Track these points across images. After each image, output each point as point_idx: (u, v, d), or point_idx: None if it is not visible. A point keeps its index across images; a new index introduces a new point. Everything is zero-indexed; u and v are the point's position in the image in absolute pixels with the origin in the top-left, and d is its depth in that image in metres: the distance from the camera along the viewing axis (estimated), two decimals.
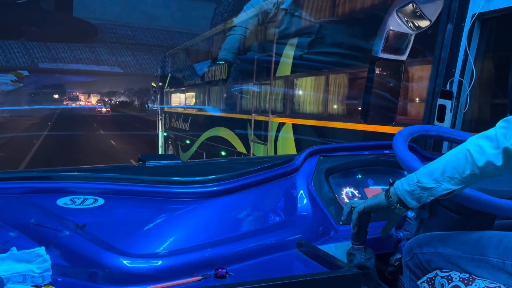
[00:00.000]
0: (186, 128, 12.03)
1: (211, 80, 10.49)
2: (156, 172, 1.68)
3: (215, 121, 9.74)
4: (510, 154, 0.98)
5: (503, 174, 1.04)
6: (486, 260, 1.17)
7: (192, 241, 1.30)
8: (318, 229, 1.51)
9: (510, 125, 0.98)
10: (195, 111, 11.70)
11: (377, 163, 1.87)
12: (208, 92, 10.80)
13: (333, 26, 6.26)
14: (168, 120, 13.98)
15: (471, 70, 2.25)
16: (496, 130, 1.01)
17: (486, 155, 1.00)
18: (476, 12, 2.16)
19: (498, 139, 0.99)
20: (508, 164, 0.99)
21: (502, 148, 0.98)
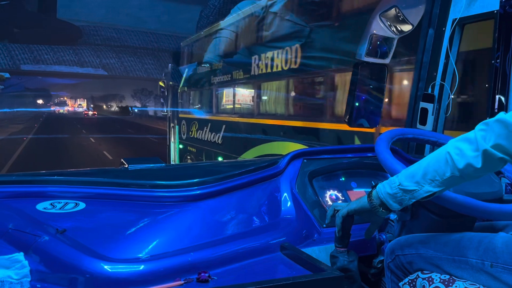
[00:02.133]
0: (216, 140, 9.23)
1: (269, 72, 7.54)
2: (139, 175, 1.67)
3: (276, 131, 7.05)
4: (489, 156, 0.99)
5: (482, 176, 1.06)
6: (466, 261, 1.18)
7: (175, 245, 1.29)
8: (302, 232, 1.51)
9: (489, 128, 1.00)
10: (235, 118, 8.70)
11: (360, 166, 1.88)
12: (261, 89, 7.97)
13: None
14: (186, 128, 11.28)
15: (452, 73, 2.28)
16: (475, 132, 1.02)
17: (466, 157, 1.01)
18: (457, 17, 2.20)
19: (477, 142, 1.00)
20: (487, 166, 1.01)
21: (481, 150, 0.99)
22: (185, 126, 11.29)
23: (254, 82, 8.14)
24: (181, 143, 11.56)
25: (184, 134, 11.32)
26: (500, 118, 0.99)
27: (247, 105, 8.78)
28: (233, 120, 8.78)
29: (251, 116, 8.21)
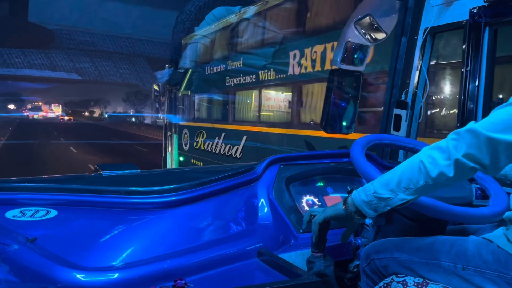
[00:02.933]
0: (233, 153, 7.86)
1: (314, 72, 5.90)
2: (113, 182, 1.64)
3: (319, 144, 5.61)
4: (460, 165, 1.02)
5: (454, 184, 1.08)
6: (439, 265, 1.21)
7: (150, 253, 1.27)
8: (279, 238, 1.52)
9: (460, 137, 1.02)
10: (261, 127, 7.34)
11: (336, 171, 1.90)
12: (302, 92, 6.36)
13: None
14: (188, 138, 9.94)
15: (424, 81, 2.34)
16: (447, 142, 1.05)
17: (439, 166, 1.04)
18: (428, 26, 2.26)
19: (449, 151, 1.03)
20: (459, 175, 1.03)
21: (453, 159, 1.02)
22: (188, 135, 9.92)
23: (293, 84, 6.53)
24: (182, 155, 10.07)
25: (187, 144, 9.98)
26: (471, 128, 1.02)
27: (279, 112, 7.36)
28: (258, 130, 7.41)
29: (285, 126, 6.78)
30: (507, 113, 0.99)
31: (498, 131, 0.98)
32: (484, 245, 1.17)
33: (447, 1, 2.16)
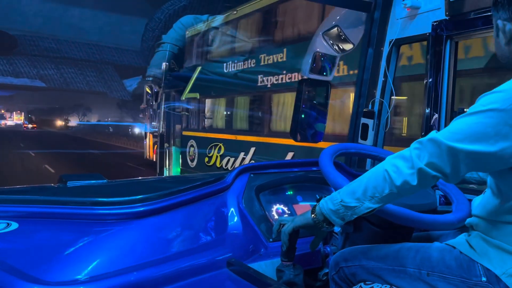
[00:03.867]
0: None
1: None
2: (78, 192, 1.59)
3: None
4: (423, 174, 1.04)
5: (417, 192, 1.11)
6: (405, 271, 1.23)
7: (117, 265, 1.24)
8: (249, 247, 1.51)
9: (423, 147, 1.05)
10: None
11: (305, 180, 1.92)
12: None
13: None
14: (196, 151, 8.27)
15: (390, 91, 2.41)
16: (410, 151, 1.07)
17: (403, 175, 1.06)
18: (393, 38, 2.33)
19: (412, 160, 1.05)
20: (422, 183, 1.06)
21: (416, 168, 1.04)
22: (195, 148, 8.24)
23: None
24: (187, 172, 8.23)
25: (194, 160, 8.27)
26: (432, 138, 1.04)
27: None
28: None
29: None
30: (465, 123, 1.03)
31: (458, 140, 1.01)
32: (447, 251, 1.20)
33: (410, 14, 2.24)
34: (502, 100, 0.98)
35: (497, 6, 1.13)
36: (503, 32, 1.12)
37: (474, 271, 1.13)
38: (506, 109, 0.97)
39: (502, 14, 1.12)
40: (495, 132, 0.98)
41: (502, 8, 1.11)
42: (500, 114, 0.98)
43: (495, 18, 1.15)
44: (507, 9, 1.10)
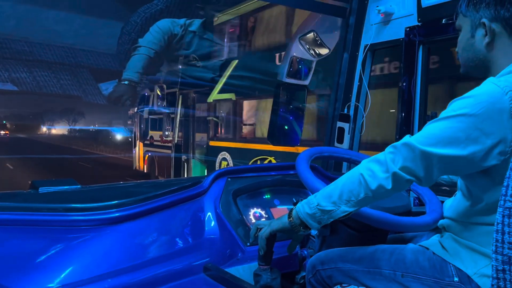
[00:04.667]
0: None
1: None
2: (51, 199, 1.55)
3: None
4: (398, 178, 1.06)
5: (391, 195, 1.13)
6: (380, 273, 1.25)
7: (91, 272, 1.21)
8: (226, 252, 1.50)
9: (397, 151, 1.07)
10: None
11: (282, 183, 1.92)
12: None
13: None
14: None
15: (365, 95, 2.45)
16: (385, 155, 1.09)
17: (378, 179, 1.08)
18: (368, 43, 2.37)
19: (387, 164, 1.07)
20: (396, 187, 1.08)
21: (391, 172, 1.06)
22: (230, 162, 7.01)
23: None
24: None
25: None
26: (406, 142, 1.06)
27: None
28: None
29: None
30: (437, 128, 1.05)
31: (430, 144, 1.03)
32: (421, 253, 1.23)
33: (384, 20, 2.28)
34: (472, 105, 1.01)
35: (477, 5, 1.13)
36: (489, 31, 1.11)
37: (447, 271, 1.15)
38: (476, 114, 1.00)
39: (485, 13, 1.12)
40: (466, 136, 1.00)
41: (487, 7, 1.11)
42: (470, 119, 1.00)
43: (471, 18, 1.15)
44: (493, 8, 1.10)
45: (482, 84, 1.05)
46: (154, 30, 10.25)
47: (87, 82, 19.71)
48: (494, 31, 1.11)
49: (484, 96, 1.01)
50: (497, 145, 0.99)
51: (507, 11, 1.09)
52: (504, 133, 0.98)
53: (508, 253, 0.85)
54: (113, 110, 44.22)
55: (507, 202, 0.85)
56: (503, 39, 1.11)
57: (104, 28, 16.99)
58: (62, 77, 20.39)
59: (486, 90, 1.02)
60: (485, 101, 1.00)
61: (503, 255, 0.86)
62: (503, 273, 0.88)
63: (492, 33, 1.11)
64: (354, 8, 2.43)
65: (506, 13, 1.09)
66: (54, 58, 22.11)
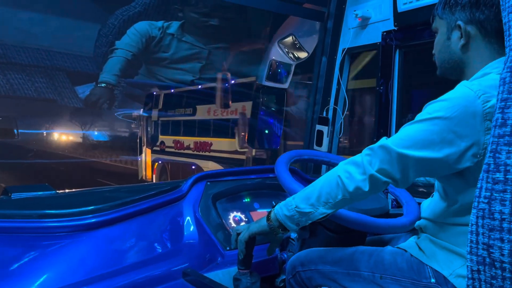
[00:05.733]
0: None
1: None
2: (24, 205, 1.51)
3: None
4: (375, 180, 1.07)
5: (369, 196, 1.14)
6: (359, 274, 1.26)
7: (66, 280, 1.18)
8: (205, 256, 1.49)
9: (374, 153, 1.08)
10: None
11: (262, 187, 1.92)
12: None
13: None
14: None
15: (343, 98, 2.47)
16: (362, 157, 1.10)
17: (355, 181, 1.09)
18: (346, 46, 2.39)
19: (364, 166, 1.08)
20: (373, 189, 1.09)
21: (368, 174, 1.07)
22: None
23: None
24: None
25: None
26: (383, 144, 1.06)
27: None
28: None
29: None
30: (413, 130, 1.06)
31: (406, 147, 1.04)
32: (399, 255, 1.24)
33: (362, 24, 2.31)
34: (446, 109, 1.02)
35: (452, 8, 1.15)
36: (465, 33, 1.13)
37: (424, 273, 1.17)
38: (450, 117, 1.01)
39: (460, 16, 1.13)
40: (440, 139, 1.02)
41: (462, 9, 1.13)
42: (445, 122, 1.02)
43: (447, 20, 1.17)
44: (468, 11, 1.12)
45: (456, 88, 1.06)
46: (132, 32, 10.13)
47: (63, 85, 19.29)
48: (469, 34, 1.13)
49: (458, 100, 1.02)
50: (471, 147, 1.01)
51: (482, 13, 1.10)
52: (478, 136, 1.00)
53: (482, 254, 0.87)
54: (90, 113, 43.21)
55: (480, 203, 0.87)
56: (478, 41, 1.13)
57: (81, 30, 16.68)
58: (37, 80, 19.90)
59: (460, 93, 1.04)
60: (458, 104, 1.01)
61: (478, 256, 0.88)
62: (478, 274, 0.89)
63: (467, 36, 1.13)
64: (332, 12, 2.45)
65: (481, 15, 1.10)
66: (29, 61, 21.55)
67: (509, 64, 0.86)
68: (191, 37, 8.05)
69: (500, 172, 0.84)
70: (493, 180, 0.85)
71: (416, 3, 2.00)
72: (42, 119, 23.89)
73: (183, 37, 8.12)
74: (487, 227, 0.86)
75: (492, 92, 0.99)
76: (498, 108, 0.86)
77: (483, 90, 1.01)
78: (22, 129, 27.00)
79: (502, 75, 0.87)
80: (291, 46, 2.87)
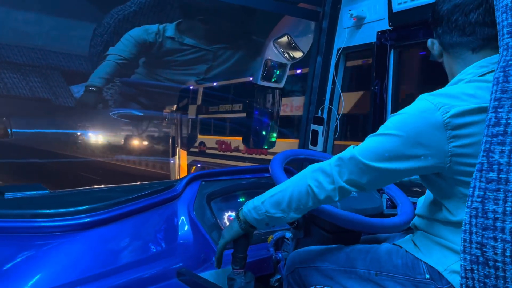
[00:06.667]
0: None
1: None
2: (17, 205, 1.50)
3: None
4: (344, 191, 1.12)
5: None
6: (356, 272, 1.26)
7: (59, 280, 1.18)
8: (200, 256, 1.49)
9: (344, 163, 1.11)
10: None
11: (257, 186, 1.92)
12: None
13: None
14: None
15: (338, 97, 2.47)
16: (331, 167, 1.13)
17: (325, 190, 1.13)
18: (341, 46, 2.40)
19: (333, 176, 1.12)
20: (342, 197, 1.14)
21: (337, 186, 1.11)
22: None
23: None
24: None
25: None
26: (352, 156, 1.10)
27: None
28: None
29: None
30: (379, 142, 1.09)
31: (373, 159, 1.07)
32: (394, 251, 1.24)
33: (357, 24, 2.31)
34: (406, 123, 1.06)
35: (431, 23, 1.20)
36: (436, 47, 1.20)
37: (418, 269, 1.17)
38: (409, 130, 1.05)
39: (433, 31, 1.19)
40: (402, 153, 1.05)
41: (432, 26, 1.19)
42: (407, 135, 1.05)
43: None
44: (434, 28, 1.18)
45: (416, 101, 1.09)
46: (125, 38, 10.11)
47: (58, 84, 19.19)
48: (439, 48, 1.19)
49: (417, 113, 1.06)
50: (435, 156, 1.04)
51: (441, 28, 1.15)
52: (441, 145, 1.03)
53: (476, 253, 0.87)
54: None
55: (474, 202, 0.87)
56: (445, 54, 1.19)
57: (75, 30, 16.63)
58: (31, 79, 19.78)
59: (419, 106, 1.07)
60: (418, 116, 1.05)
61: (471, 255, 0.88)
62: (471, 273, 0.90)
63: (439, 49, 1.20)
64: (327, 12, 2.45)
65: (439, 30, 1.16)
66: (23, 60, 21.42)
67: (502, 64, 0.86)
68: (189, 38, 8.05)
69: (494, 171, 0.85)
70: (486, 179, 0.86)
71: (411, 3, 2.00)
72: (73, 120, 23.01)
73: (183, 40, 8.11)
74: (480, 226, 0.86)
75: (453, 103, 1.02)
76: (491, 107, 0.87)
77: (443, 102, 1.04)
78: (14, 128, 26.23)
79: (495, 75, 0.88)
80: (286, 46, 2.87)
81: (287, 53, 2.88)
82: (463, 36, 1.11)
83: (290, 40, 2.85)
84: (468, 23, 1.09)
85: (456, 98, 1.04)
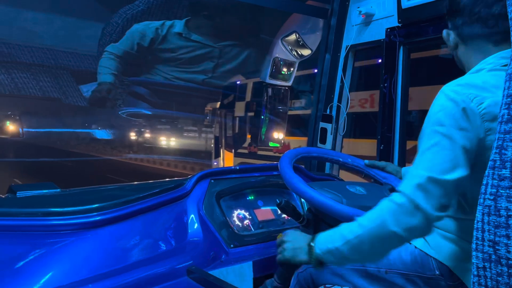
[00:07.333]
0: None
1: None
2: (29, 203, 1.52)
3: None
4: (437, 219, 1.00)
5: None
6: (365, 270, 1.26)
7: (71, 277, 1.19)
8: (209, 254, 1.49)
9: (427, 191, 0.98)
10: None
11: (266, 184, 1.92)
12: None
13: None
14: None
15: (347, 96, 2.46)
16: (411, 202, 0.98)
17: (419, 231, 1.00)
18: (350, 44, 2.38)
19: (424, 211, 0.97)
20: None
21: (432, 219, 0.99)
22: None
23: None
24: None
25: None
26: (432, 177, 0.98)
27: None
28: None
29: None
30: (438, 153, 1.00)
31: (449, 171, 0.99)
32: (404, 248, 1.24)
33: (365, 21, 2.30)
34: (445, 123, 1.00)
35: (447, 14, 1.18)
36: (452, 38, 1.18)
37: (428, 265, 1.17)
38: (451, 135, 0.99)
39: (449, 23, 1.18)
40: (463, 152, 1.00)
41: (448, 17, 1.17)
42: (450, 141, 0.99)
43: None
44: (450, 19, 1.16)
45: (442, 94, 1.05)
46: (130, 34, 10.18)
47: (68, 84, 19.33)
48: (456, 39, 1.17)
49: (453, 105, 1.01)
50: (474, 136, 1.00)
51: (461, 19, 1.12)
52: (477, 130, 1.00)
53: (488, 251, 0.86)
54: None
55: (486, 200, 0.86)
56: (461, 46, 1.16)
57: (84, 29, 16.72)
58: (41, 79, 19.97)
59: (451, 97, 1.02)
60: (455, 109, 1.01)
61: (483, 253, 0.87)
62: (483, 271, 0.89)
63: (455, 40, 1.17)
64: (336, 9, 2.44)
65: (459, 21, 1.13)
66: (33, 60, 21.63)
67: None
68: (196, 35, 8.05)
69: (506, 168, 0.83)
70: (499, 177, 0.85)
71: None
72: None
73: (191, 36, 8.10)
74: (493, 224, 0.85)
75: (484, 94, 1.00)
76: (504, 104, 0.86)
77: (474, 93, 1.01)
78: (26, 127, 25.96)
79: (508, 71, 0.87)
80: (294, 44, 2.86)
81: (295, 51, 2.88)
82: (484, 28, 1.09)
83: (298, 37, 2.84)
84: (491, 16, 1.07)
85: (484, 89, 1.01)
